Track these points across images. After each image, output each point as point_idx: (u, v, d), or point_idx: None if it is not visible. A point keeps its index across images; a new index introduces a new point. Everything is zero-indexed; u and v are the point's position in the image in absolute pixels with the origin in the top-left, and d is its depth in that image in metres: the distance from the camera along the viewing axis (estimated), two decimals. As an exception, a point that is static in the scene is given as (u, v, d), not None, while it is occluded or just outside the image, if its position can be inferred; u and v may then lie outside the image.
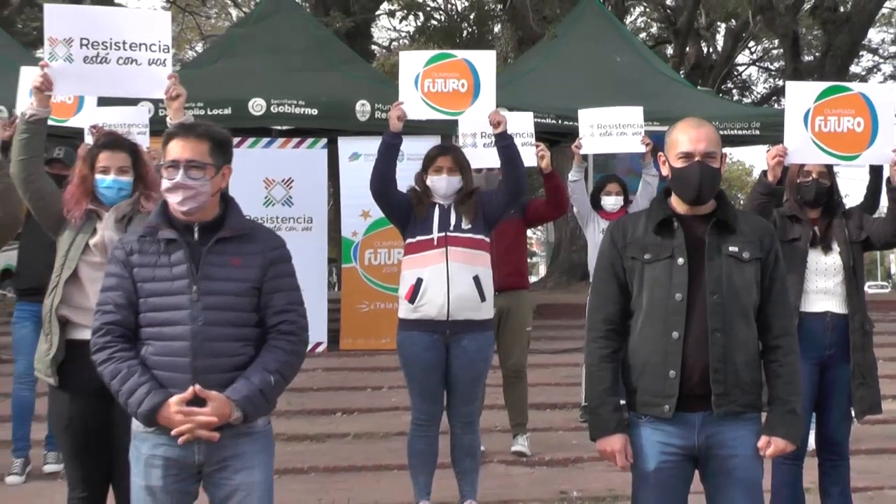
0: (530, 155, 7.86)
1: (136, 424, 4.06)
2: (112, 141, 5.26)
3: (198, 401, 3.92)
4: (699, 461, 4.21)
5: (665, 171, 4.34)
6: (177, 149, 4.09)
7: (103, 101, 7.41)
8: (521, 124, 8.10)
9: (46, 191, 5.22)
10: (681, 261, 4.15)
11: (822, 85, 5.89)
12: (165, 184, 4.07)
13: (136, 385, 3.93)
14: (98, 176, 5.09)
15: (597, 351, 4.26)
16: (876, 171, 7.49)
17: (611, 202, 9.29)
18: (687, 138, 4.24)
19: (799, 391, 4.29)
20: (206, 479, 4.06)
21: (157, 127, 6.05)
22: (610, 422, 4.20)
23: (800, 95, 5.79)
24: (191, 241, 4.06)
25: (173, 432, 3.91)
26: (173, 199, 4.06)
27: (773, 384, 4.21)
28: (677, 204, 4.30)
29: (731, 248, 4.19)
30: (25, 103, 5.30)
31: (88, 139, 6.84)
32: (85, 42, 5.43)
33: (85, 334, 4.88)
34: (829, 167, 5.92)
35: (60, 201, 5.14)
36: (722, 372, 4.07)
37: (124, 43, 5.49)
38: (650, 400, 4.14)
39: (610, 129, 8.86)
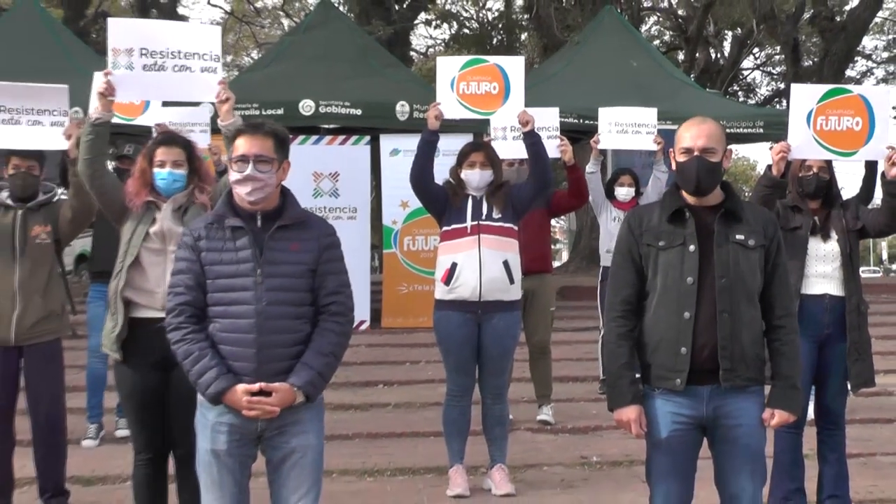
0: (554, 147, 7.84)
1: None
2: (168, 137, 5.32)
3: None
4: (707, 430, 4.20)
5: (674, 165, 4.34)
6: (245, 144, 4.10)
7: (168, 102, 7.42)
8: (548, 119, 8.02)
9: (109, 185, 5.27)
10: (692, 248, 4.14)
11: (825, 87, 5.84)
12: (235, 176, 4.07)
13: (206, 368, 3.94)
14: (155, 169, 5.14)
15: (615, 329, 4.24)
16: (871, 166, 7.43)
17: (623, 192, 9.32)
18: (688, 135, 4.23)
19: (799, 367, 4.29)
20: (265, 442, 4.08)
21: (217, 126, 6.07)
22: (626, 394, 4.19)
23: (803, 97, 5.75)
24: (254, 228, 4.07)
25: (243, 413, 3.95)
26: (242, 190, 4.07)
27: (776, 361, 4.20)
28: (687, 196, 4.27)
29: (737, 236, 4.16)
30: (94, 106, 5.34)
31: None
32: (144, 52, 5.46)
33: (146, 313, 4.97)
34: (829, 162, 5.88)
35: (122, 193, 5.18)
36: (729, 349, 4.06)
37: (179, 52, 5.52)
38: (663, 374, 4.13)
39: (626, 127, 8.84)
